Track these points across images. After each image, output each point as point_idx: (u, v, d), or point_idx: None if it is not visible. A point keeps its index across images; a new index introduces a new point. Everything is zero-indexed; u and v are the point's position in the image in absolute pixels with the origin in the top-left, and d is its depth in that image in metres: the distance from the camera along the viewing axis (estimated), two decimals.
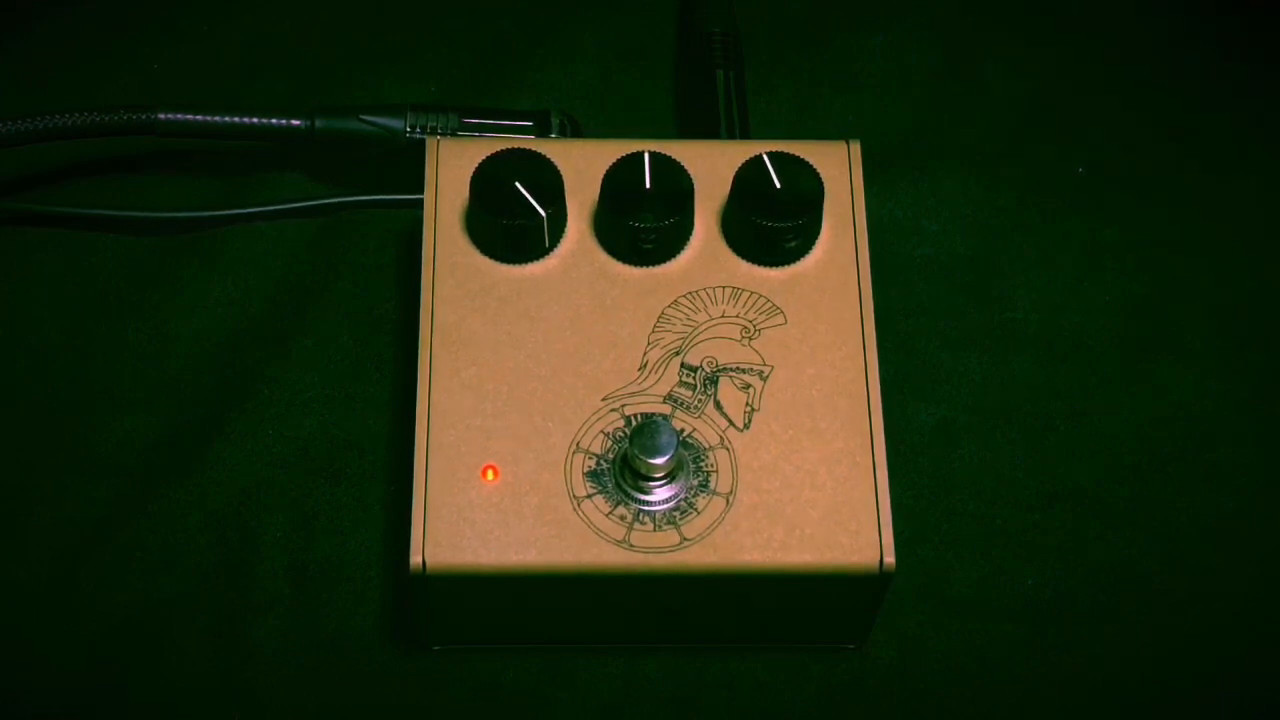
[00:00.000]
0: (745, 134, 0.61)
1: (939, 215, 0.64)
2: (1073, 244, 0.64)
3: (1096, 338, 0.62)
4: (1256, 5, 0.68)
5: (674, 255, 0.55)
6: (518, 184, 0.54)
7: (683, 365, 0.53)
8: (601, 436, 0.52)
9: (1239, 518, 0.59)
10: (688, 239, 0.55)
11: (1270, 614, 0.57)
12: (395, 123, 0.62)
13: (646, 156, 0.54)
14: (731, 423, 0.53)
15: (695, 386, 0.53)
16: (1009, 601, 0.57)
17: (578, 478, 0.51)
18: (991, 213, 0.64)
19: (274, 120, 0.62)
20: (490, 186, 0.54)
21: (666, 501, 0.51)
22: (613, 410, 0.53)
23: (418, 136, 0.62)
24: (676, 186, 0.54)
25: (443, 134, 0.62)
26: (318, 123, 0.62)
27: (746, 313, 0.54)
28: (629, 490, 0.51)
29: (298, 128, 0.62)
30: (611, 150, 0.55)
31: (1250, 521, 0.59)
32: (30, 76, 0.67)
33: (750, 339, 0.54)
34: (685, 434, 0.52)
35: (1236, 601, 0.57)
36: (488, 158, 0.55)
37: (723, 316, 0.54)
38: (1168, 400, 0.61)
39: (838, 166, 0.56)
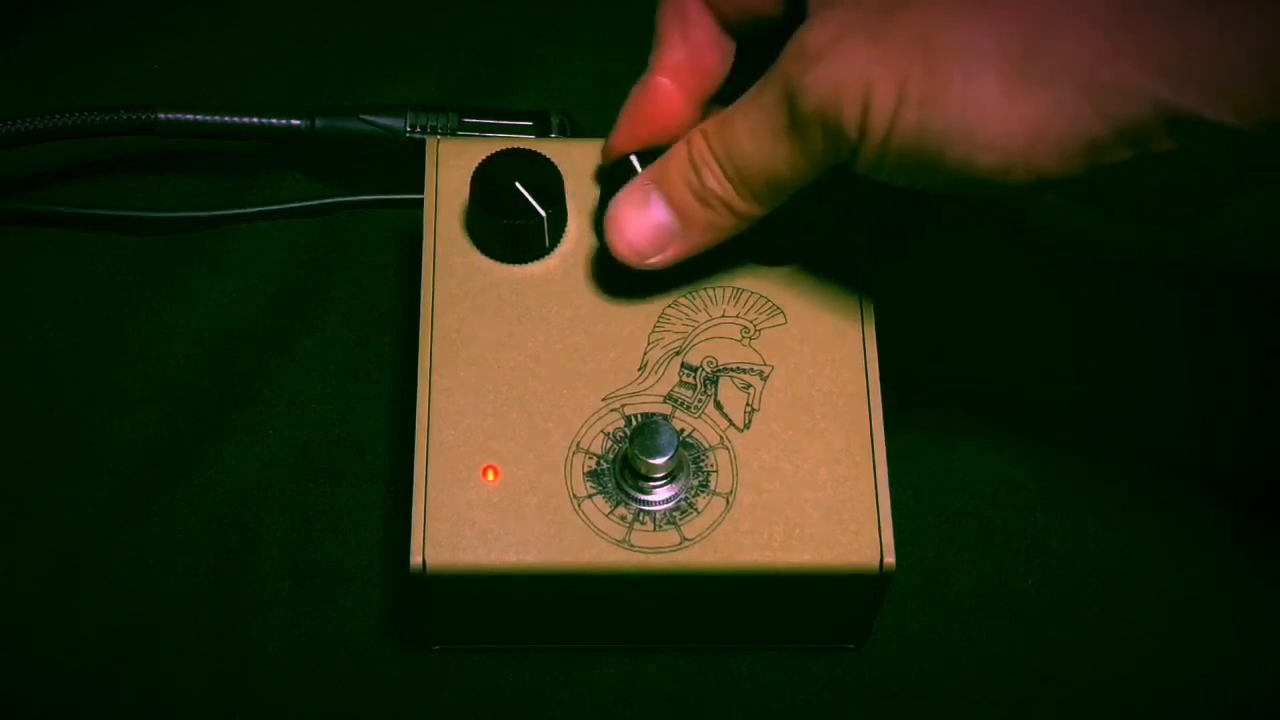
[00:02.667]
0: None
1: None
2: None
3: (1099, 337, 0.62)
4: None
5: None
6: (518, 184, 0.54)
7: (683, 365, 0.53)
8: (601, 436, 0.52)
9: (1239, 517, 0.59)
10: None
11: (1270, 614, 0.57)
12: (395, 122, 0.62)
13: (635, 159, 0.54)
14: (731, 423, 0.53)
15: (695, 386, 0.53)
16: (1009, 601, 0.57)
17: (578, 478, 0.51)
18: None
19: (274, 120, 0.62)
20: (490, 186, 0.54)
21: (666, 501, 0.51)
22: (613, 410, 0.53)
23: (418, 136, 0.62)
24: None
25: (443, 134, 0.62)
26: (318, 123, 0.62)
27: (746, 313, 0.54)
28: (629, 490, 0.51)
29: (298, 128, 0.62)
30: None
31: (1251, 521, 0.59)
32: (30, 76, 0.67)
33: (750, 339, 0.54)
34: (685, 434, 0.52)
35: (1236, 601, 0.57)
36: (488, 158, 0.55)
37: (723, 316, 0.54)
38: (1170, 399, 0.61)
39: None
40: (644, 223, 0.51)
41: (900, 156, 0.46)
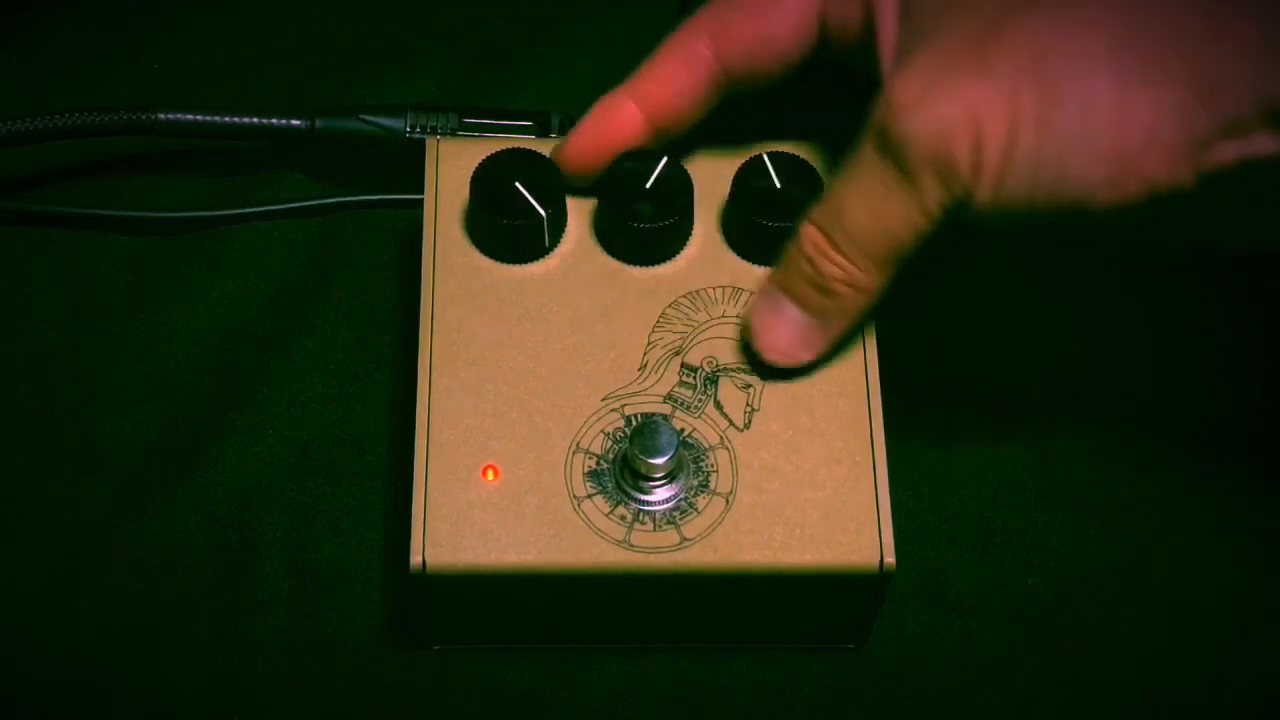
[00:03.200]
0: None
1: None
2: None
3: (1100, 336, 0.62)
4: None
5: (674, 255, 0.55)
6: (518, 184, 0.54)
7: (683, 365, 0.53)
8: (601, 436, 0.52)
9: (1239, 518, 0.59)
10: (688, 238, 0.55)
11: (1270, 614, 0.57)
12: (395, 123, 0.62)
13: (644, 156, 0.54)
14: (731, 423, 0.53)
15: (695, 386, 0.53)
16: (1009, 601, 0.57)
17: (578, 478, 0.51)
18: None
19: (274, 120, 0.62)
20: (490, 186, 0.54)
21: (666, 501, 0.51)
22: (613, 410, 0.53)
23: (418, 136, 0.62)
24: (676, 186, 0.54)
25: (443, 134, 0.62)
26: (318, 123, 0.62)
27: (746, 313, 0.54)
28: (629, 490, 0.51)
29: (298, 128, 0.62)
30: None
31: (1251, 521, 0.59)
32: (30, 76, 0.67)
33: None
34: (685, 434, 0.52)
35: (1236, 602, 0.57)
36: (488, 158, 0.55)
37: (723, 316, 0.54)
38: (1170, 399, 0.61)
39: None
40: (783, 330, 0.52)
41: (1018, 184, 0.46)
